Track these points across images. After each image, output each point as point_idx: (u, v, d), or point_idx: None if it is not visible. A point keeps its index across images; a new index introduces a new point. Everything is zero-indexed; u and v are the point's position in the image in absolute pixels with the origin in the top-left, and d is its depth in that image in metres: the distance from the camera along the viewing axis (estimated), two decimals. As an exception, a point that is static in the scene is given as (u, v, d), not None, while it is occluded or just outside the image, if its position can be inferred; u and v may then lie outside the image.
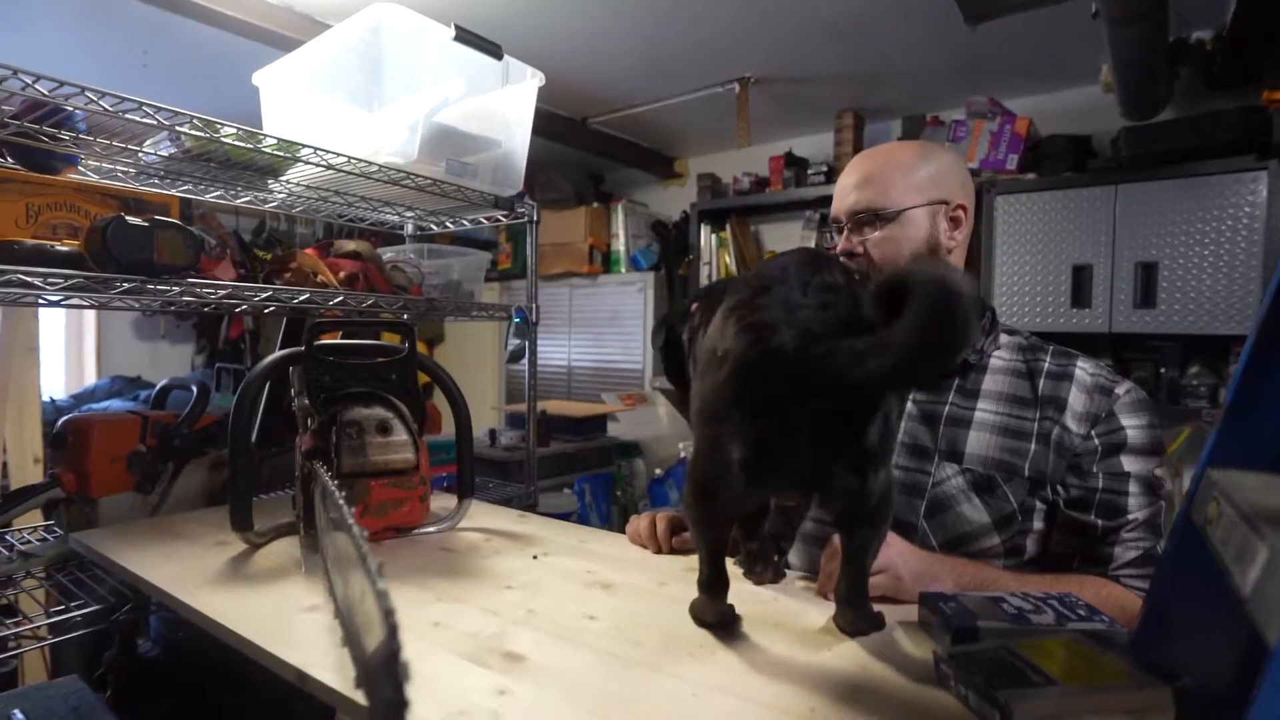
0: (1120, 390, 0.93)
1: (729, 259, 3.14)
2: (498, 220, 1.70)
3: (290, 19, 1.94)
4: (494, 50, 1.42)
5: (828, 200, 2.96)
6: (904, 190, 0.98)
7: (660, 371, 3.22)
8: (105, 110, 0.92)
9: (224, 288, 1.07)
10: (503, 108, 1.50)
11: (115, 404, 2.39)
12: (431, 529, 1.11)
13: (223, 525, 1.12)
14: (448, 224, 1.80)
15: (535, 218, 1.66)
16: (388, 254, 1.63)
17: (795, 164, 2.99)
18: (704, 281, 3.20)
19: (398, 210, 1.63)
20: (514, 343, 1.62)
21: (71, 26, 2.09)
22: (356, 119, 1.35)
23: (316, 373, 1.03)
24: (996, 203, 2.33)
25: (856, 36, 2.16)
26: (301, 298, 1.17)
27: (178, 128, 1.00)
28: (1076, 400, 0.93)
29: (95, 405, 2.47)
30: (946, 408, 0.98)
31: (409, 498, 1.05)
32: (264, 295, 1.12)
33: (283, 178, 1.37)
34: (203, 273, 1.07)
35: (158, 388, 1.42)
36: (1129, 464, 0.91)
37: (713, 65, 2.42)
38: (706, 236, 3.20)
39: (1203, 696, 0.59)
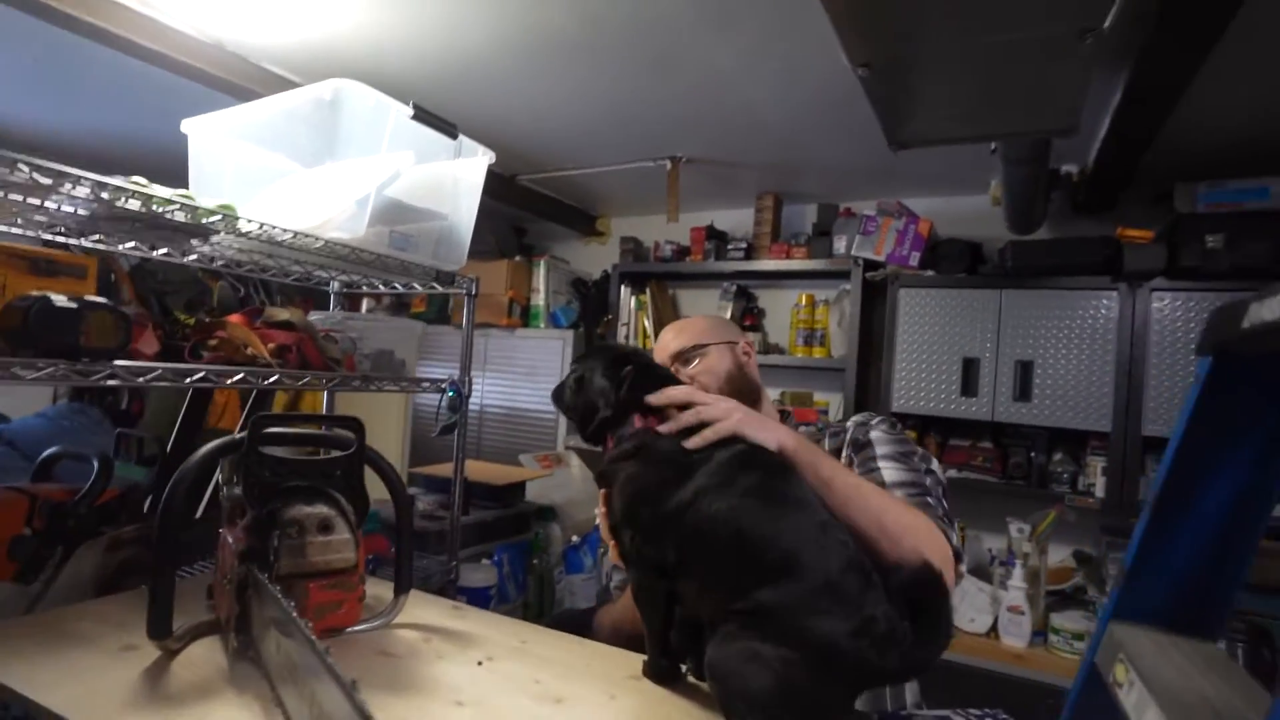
0: (872, 422, 1.18)
1: (648, 321, 3.22)
2: (433, 289, 1.68)
3: (222, 58, 1.85)
4: (449, 130, 1.43)
5: (745, 274, 3.10)
6: (708, 335, 1.29)
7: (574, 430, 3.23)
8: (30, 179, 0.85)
9: (151, 369, 1.00)
10: (452, 182, 1.50)
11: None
12: (364, 626, 1.06)
13: (123, 621, 1.03)
14: (378, 285, 1.76)
15: (474, 291, 1.66)
16: (315, 317, 1.57)
17: (716, 236, 3.14)
18: (621, 342, 3.26)
19: (330, 272, 1.58)
20: (448, 417, 1.59)
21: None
22: (303, 188, 1.31)
23: (256, 467, 0.97)
24: (900, 295, 2.54)
25: (783, 133, 2.33)
26: (235, 378, 1.11)
27: (103, 196, 0.94)
28: (848, 440, 1.17)
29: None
30: None
31: (348, 599, 1.00)
32: (196, 376, 1.06)
33: (214, 238, 1.30)
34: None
35: (43, 457, 1.28)
36: (878, 450, 1.11)
37: (645, 141, 2.52)
38: (626, 297, 3.28)
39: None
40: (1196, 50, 1.44)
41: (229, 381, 1.10)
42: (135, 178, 1.01)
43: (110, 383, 0.95)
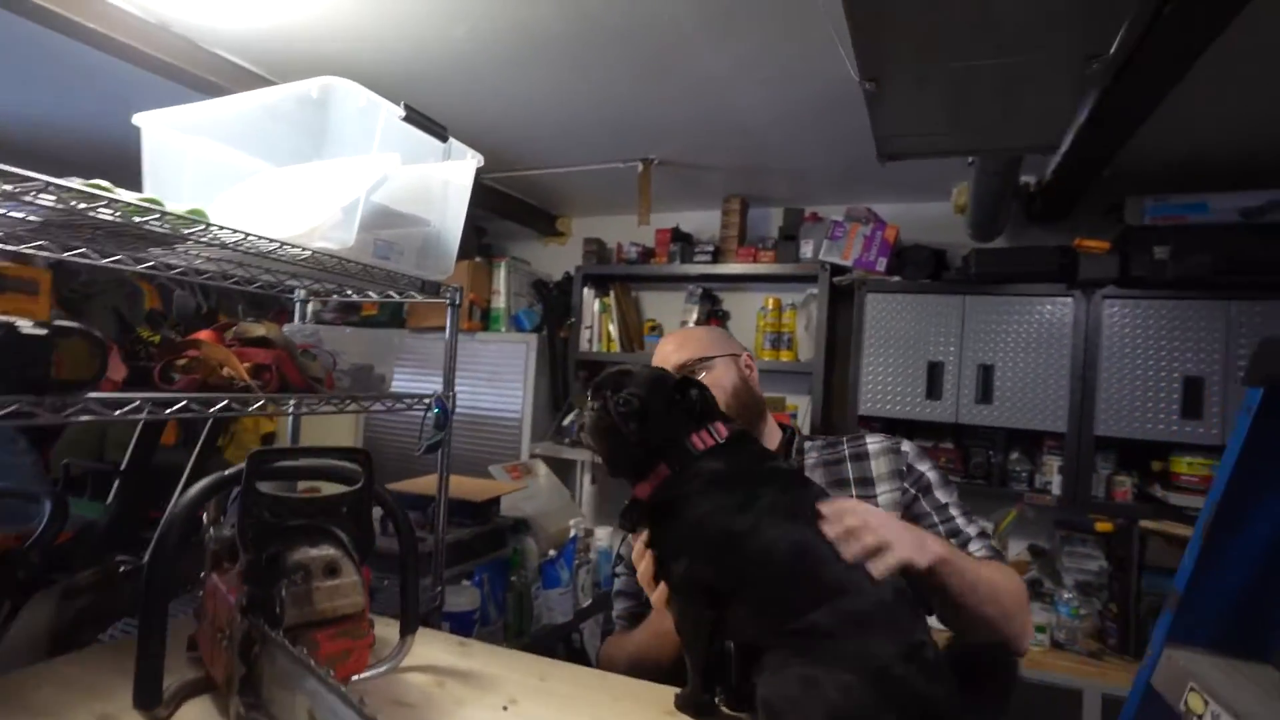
0: (905, 448, 1.17)
1: (612, 325, 3.17)
2: (412, 298, 1.59)
3: (170, 41, 1.69)
4: (440, 132, 1.35)
5: (711, 277, 3.09)
6: (711, 347, 1.25)
7: (548, 437, 3.15)
8: None
9: (127, 400, 0.89)
10: (440, 186, 1.42)
11: None
12: (370, 673, 0.99)
13: (92, 685, 0.93)
14: (350, 294, 1.65)
15: (458, 301, 1.58)
16: (287, 330, 1.45)
17: (682, 239, 3.12)
18: (585, 346, 3.20)
19: (302, 281, 1.47)
20: (432, 435, 1.50)
21: None
22: (276, 191, 1.20)
23: (254, 507, 0.88)
24: (867, 300, 2.59)
25: (762, 139, 2.32)
26: (218, 405, 1.01)
27: (72, 204, 0.83)
28: (878, 467, 1.16)
29: None
30: None
31: (357, 647, 0.92)
32: (177, 407, 0.95)
33: (179, 247, 1.18)
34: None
35: (-21, 493, 1.13)
36: (942, 496, 1.13)
37: (618, 142, 2.47)
38: (590, 299, 3.21)
39: None
40: (1160, 89, 1.52)
41: (211, 410, 1.00)
42: (97, 181, 0.89)
43: (82, 419, 0.84)
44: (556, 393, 3.23)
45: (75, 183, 0.83)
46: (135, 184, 1.07)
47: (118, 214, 0.87)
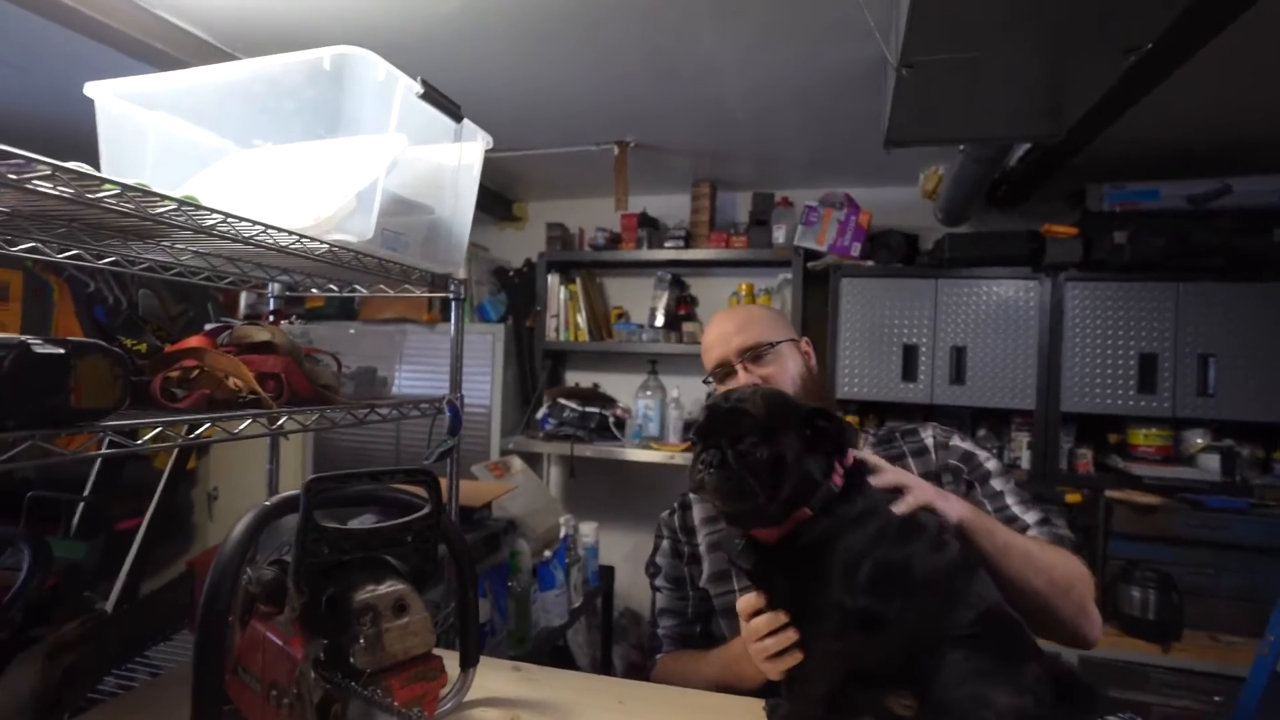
0: (956, 440, 1.17)
1: (580, 315, 3.08)
2: (409, 293, 1.46)
3: (114, 4, 1.46)
4: (455, 111, 1.22)
5: (682, 263, 3.03)
6: (775, 330, 1.18)
7: (517, 430, 3.02)
8: None
9: (149, 425, 0.75)
10: (452, 170, 1.29)
11: None
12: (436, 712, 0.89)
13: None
14: (332, 288, 1.50)
15: (463, 295, 1.46)
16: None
17: (649, 223, 3.05)
18: (551, 335, 3.08)
19: (294, 276, 1.31)
20: (443, 441, 1.39)
21: None
22: (276, 176, 1.06)
23: (313, 544, 0.77)
24: (842, 284, 2.61)
25: (748, 126, 2.28)
26: (243, 425, 0.87)
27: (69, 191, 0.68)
28: (939, 460, 1.14)
29: None
30: None
31: (431, 689, 0.83)
32: (200, 430, 0.81)
33: (165, 241, 1.02)
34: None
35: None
36: (998, 485, 1.13)
37: (583, 124, 2.37)
38: (556, 287, 3.10)
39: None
40: (1154, 79, 1.57)
41: (238, 431, 0.86)
42: (75, 164, 0.74)
43: (104, 452, 0.70)
44: (525, 385, 3.10)
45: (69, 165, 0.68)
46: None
47: (125, 201, 0.73)
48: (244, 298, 2.93)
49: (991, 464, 1.14)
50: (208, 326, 1.16)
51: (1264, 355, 2.27)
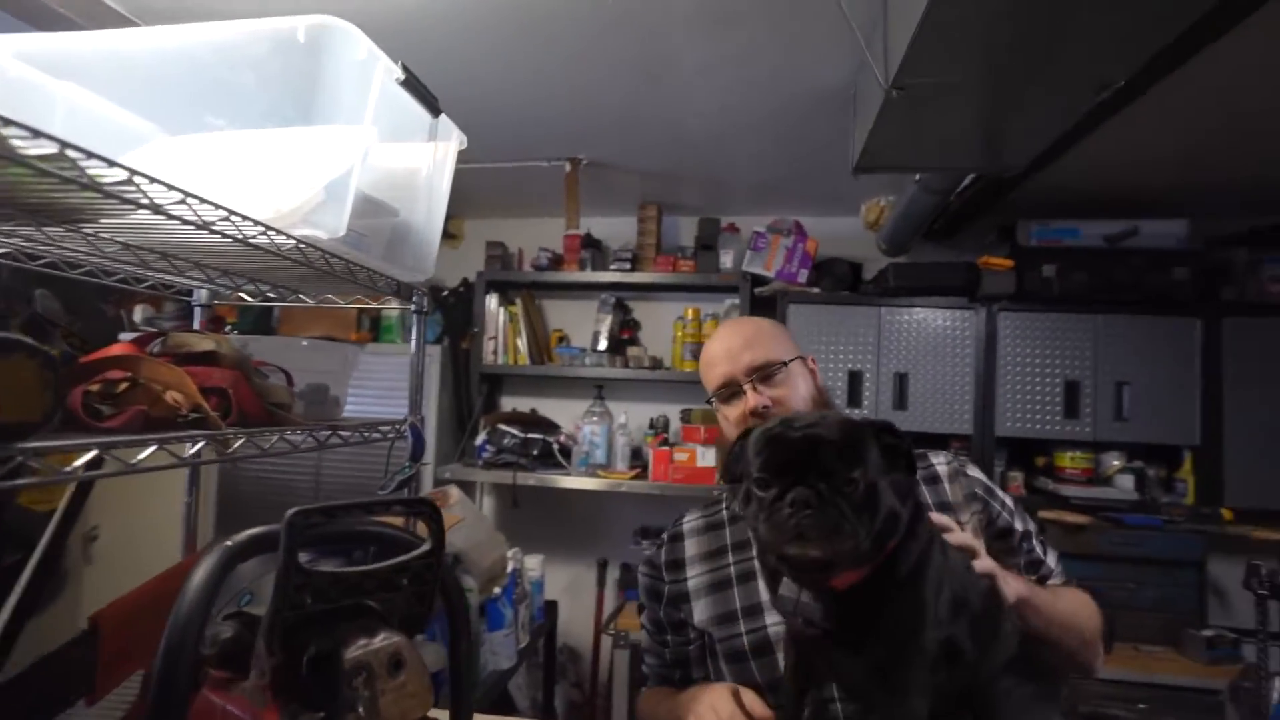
0: (971, 471, 1.10)
1: (520, 339, 2.95)
2: (362, 301, 1.33)
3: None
4: (433, 104, 1.12)
5: (627, 286, 2.97)
6: (784, 347, 1.10)
7: (452, 459, 2.82)
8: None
9: (81, 447, 0.60)
10: (425, 169, 1.18)
11: None
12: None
13: None
14: (269, 294, 1.34)
15: (425, 308, 1.33)
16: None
17: (592, 245, 2.98)
18: (489, 358, 2.94)
19: (234, 280, 1.15)
20: (404, 468, 1.25)
21: None
22: (244, 164, 0.91)
23: (294, 592, 0.63)
24: (789, 310, 2.63)
25: (686, 143, 2.27)
26: (196, 447, 0.72)
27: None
28: (954, 492, 1.07)
29: None
30: None
31: (429, 762, 0.70)
32: (145, 455, 0.66)
33: (88, 228, 0.85)
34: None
35: None
36: (1020, 525, 1.08)
37: (530, 140, 2.30)
38: (495, 308, 2.96)
39: None
40: (1103, 116, 1.67)
41: (186, 457, 0.71)
42: None
43: (22, 481, 0.54)
44: (460, 410, 2.93)
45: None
46: None
47: (61, 165, 0.58)
48: (139, 311, 2.62)
49: (1009, 500, 1.11)
50: (124, 336, 0.99)
51: (1165, 383, 2.46)
